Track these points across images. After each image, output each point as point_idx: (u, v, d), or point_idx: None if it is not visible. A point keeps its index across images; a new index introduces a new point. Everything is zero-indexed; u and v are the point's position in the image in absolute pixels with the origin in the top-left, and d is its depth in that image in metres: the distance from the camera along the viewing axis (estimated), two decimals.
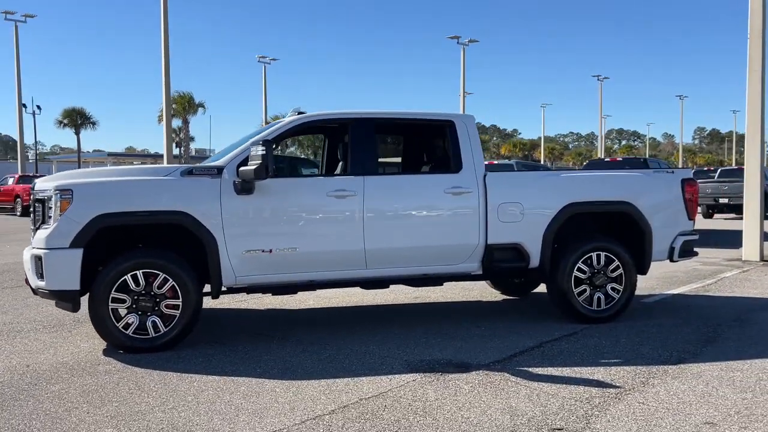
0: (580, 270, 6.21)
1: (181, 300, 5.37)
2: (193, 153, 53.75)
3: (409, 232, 5.88)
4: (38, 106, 53.80)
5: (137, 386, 4.49)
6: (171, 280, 5.34)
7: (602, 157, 54.22)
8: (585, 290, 6.26)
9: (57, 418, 3.91)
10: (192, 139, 54.16)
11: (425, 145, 6.91)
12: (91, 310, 5.25)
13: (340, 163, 6.32)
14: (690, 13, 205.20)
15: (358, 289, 7.44)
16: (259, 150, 5.29)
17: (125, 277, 5.25)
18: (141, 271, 5.28)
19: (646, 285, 8.56)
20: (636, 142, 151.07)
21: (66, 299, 5.26)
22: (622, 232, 6.53)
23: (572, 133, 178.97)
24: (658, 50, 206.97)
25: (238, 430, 3.70)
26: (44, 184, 5.41)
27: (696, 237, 6.74)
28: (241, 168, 5.40)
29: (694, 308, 7.13)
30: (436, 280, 6.18)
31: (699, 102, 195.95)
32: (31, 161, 57.44)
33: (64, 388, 4.47)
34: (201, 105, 45.21)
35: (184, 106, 43.78)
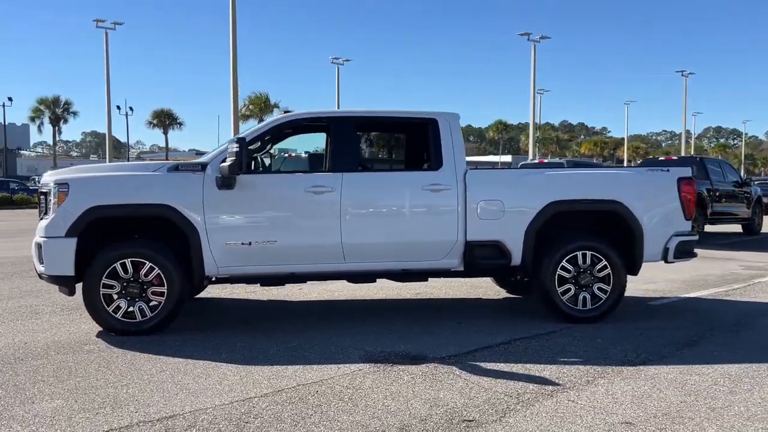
0: (564, 269, 6.14)
1: (166, 288, 5.74)
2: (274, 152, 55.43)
3: (387, 228, 6.01)
4: (131, 108, 57.24)
5: (107, 365, 4.87)
6: (157, 268, 5.71)
7: (688, 154, 51.75)
8: (569, 289, 6.18)
9: (21, 388, 4.32)
10: None
11: (408, 143, 7.01)
12: (85, 295, 5.70)
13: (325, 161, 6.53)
14: None
15: (357, 285, 7.66)
16: (234, 147, 5.58)
17: (115, 265, 5.66)
18: (129, 259, 5.68)
19: (665, 287, 8.30)
20: (736, 141, 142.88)
21: (62, 284, 5.74)
22: (613, 231, 6.40)
23: (665, 131, 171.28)
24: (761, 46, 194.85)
25: (170, 406, 3.98)
26: (47, 178, 5.92)
27: (695, 237, 6.50)
28: (220, 164, 5.71)
29: (699, 312, 6.88)
30: (418, 275, 6.28)
31: None
32: (131, 159, 61.15)
33: (44, 363, 4.91)
34: (276, 105, 46.64)
35: (260, 107, 45.33)
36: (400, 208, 6.04)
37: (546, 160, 17.86)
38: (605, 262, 6.17)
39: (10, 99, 55.75)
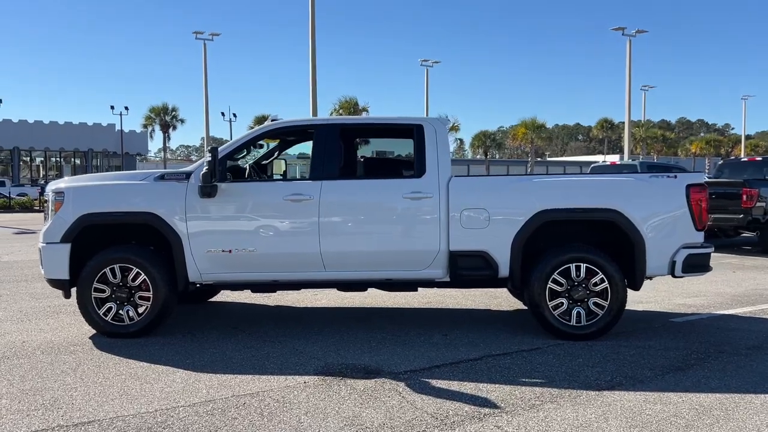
0: (555, 282, 5.77)
1: (151, 293, 5.93)
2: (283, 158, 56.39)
3: (366, 237, 5.89)
4: (234, 114, 59.98)
5: (75, 367, 5.08)
6: (143, 274, 5.92)
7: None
8: (562, 304, 5.79)
9: None
10: (367, 142, 56.81)
11: (396, 147, 6.82)
12: (78, 298, 5.99)
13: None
14: None
15: (371, 292, 7.58)
16: (207, 157, 5.69)
17: (105, 270, 5.92)
18: (118, 265, 5.92)
19: (705, 302, 7.64)
20: None
21: (59, 287, 6.06)
22: (612, 243, 5.94)
23: None
24: None
25: (97, 411, 4.09)
26: (48, 187, 6.27)
27: (709, 250, 5.90)
28: (199, 173, 5.83)
29: (719, 331, 6.25)
30: (403, 285, 6.12)
31: None
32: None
33: (22, 363, 5.20)
34: (365, 109, 47.14)
35: (349, 111, 45.99)
36: (379, 216, 5.91)
37: (618, 162, 16.83)
38: (602, 275, 5.73)
39: (126, 108, 59.93)
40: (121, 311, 5.94)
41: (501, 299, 7.80)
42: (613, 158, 75.18)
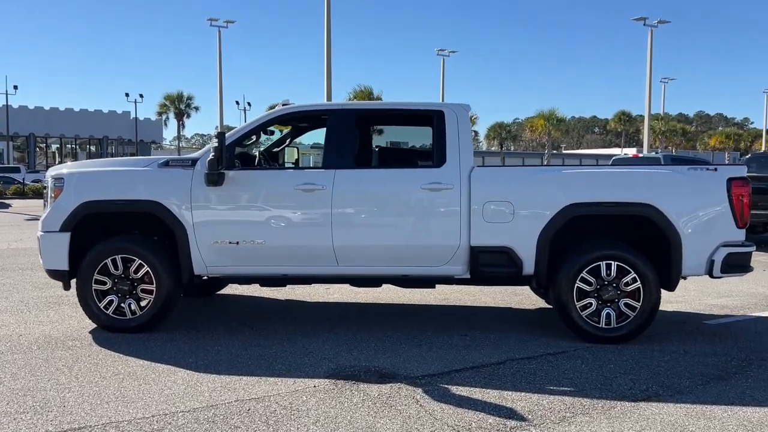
0: (584, 281, 5.38)
1: (155, 285, 5.62)
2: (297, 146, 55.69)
3: (382, 230, 5.54)
4: (249, 103, 59.75)
5: (71, 365, 4.78)
6: (146, 266, 5.60)
7: None
8: (590, 304, 5.41)
9: None
10: (380, 132, 56.28)
11: (411, 138, 6.44)
12: (78, 290, 5.69)
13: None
14: None
15: (385, 287, 7.22)
16: (214, 143, 5.35)
17: (106, 261, 5.61)
18: (120, 256, 5.61)
19: (739, 303, 7.22)
20: None
21: (58, 278, 5.76)
22: (645, 239, 5.55)
23: None
24: None
25: (89, 416, 3.78)
26: (48, 173, 5.96)
27: (751, 249, 5.48)
28: (205, 160, 5.49)
29: (758, 336, 5.84)
30: (420, 281, 5.76)
31: None
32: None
33: (16, 359, 4.90)
34: (379, 98, 46.66)
35: (364, 100, 45.61)
36: (396, 208, 5.54)
37: (641, 155, 16.32)
38: (634, 275, 5.34)
39: (141, 96, 59.91)
40: (122, 304, 5.65)
41: (522, 296, 7.42)
42: (632, 151, 74.19)
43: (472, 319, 6.34)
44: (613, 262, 5.35)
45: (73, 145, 64.12)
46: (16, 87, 51.76)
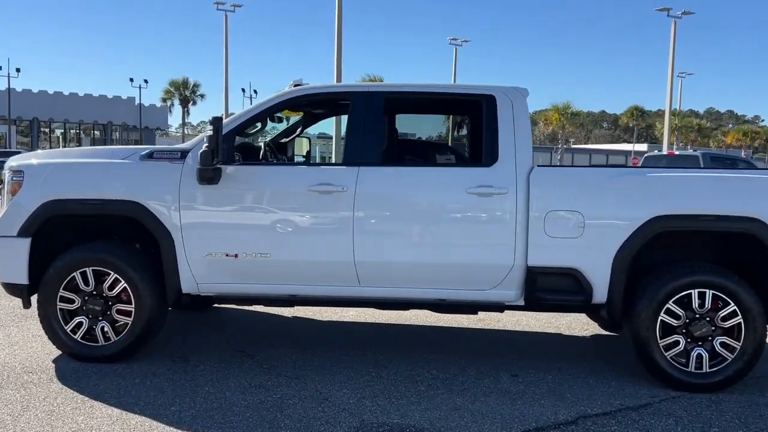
0: (670, 313, 4.28)
1: (134, 305, 4.55)
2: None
3: (415, 243, 4.44)
4: (255, 91, 58.60)
5: (17, 413, 3.72)
6: (123, 281, 4.53)
7: None
8: (677, 342, 4.31)
9: None
10: None
11: (453, 129, 5.33)
12: (39, 309, 4.63)
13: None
14: None
15: None
16: (208, 131, 4.26)
17: (74, 274, 4.55)
18: (91, 268, 4.54)
19: None
20: None
21: (15, 293, 4.70)
22: (746, 262, 4.44)
23: None
24: None
25: None
26: (7, 163, 4.88)
27: None
28: (197, 152, 4.39)
29: None
30: (461, 307, 4.67)
31: None
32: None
33: None
34: None
35: None
36: (434, 216, 4.44)
37: (677, 152, 15.17)
38: (734, 307, 4.23)
39: (146, 81, 58.83)
40: (94, 328, 4.59)
41: (570, 316, 6.32)
42: (642, 147, 72.67)
43: (518, 349, 5.24)
44: (707, 291, 4.24)
45: (78, 131, 63.14)
46: (18, 70, 50.65)
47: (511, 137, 4.45)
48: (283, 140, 5.98)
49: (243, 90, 57.30)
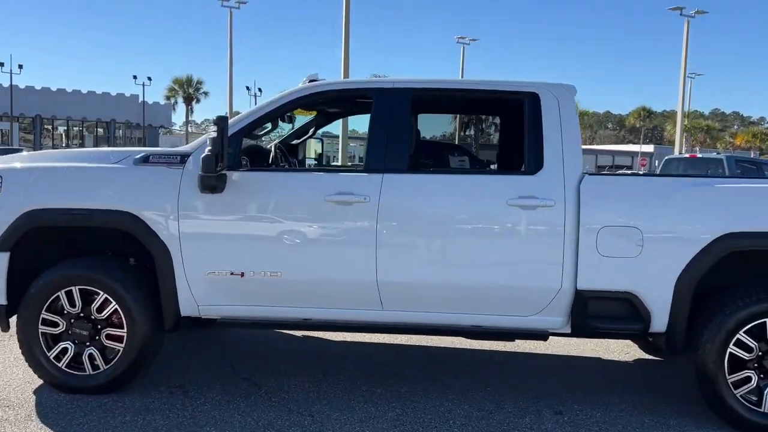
0: (741, 345, 3.72)
1: (126, 330, 4.00)
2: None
3: (448, 262, 3.89)
4: (259, 89, 58.13)
5: None
6: (114, 302, 3.99)
7: None
8: (749, 379, 3.74)
9: None
10: None
11: (490, 131, 4.76)
12: (19, 333, 4.08)
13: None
14: None
15: None
16: (212, 132, 3.70)
17: (58, 293, 4.00)
18: (78, 287, 4.00)
19: None
20: None
21: None
22: None
23: None
24: None
25: None
26: None
27: None
28: (199, 156, 3.84)
29: None
30: (497, 335, 4.11)
31: None
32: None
33: None
34: None
35: None
36: (469, 231, 3.89)
37: (699, 155, 14.57)
38: None
39: (149, 78, 58.39)
40: (80, 355, 4.04)
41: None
42: (648, 149, 71.89)
43: (557, 377, 4.67)
44: None
45: (81, 128, 62.76)
46: (21, 66, 50.32)
47: (557, 141, 3.89)
48: (294, 142, 5.43)
49: (248, 88, 57.16)
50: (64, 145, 58.69)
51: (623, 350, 5.46)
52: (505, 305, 3.89)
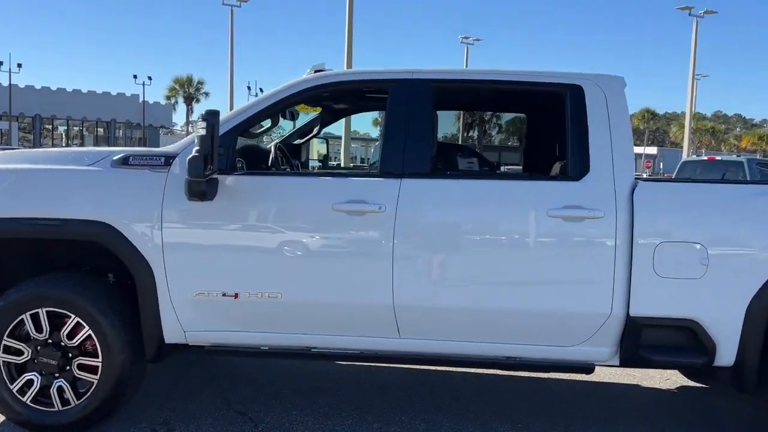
0: None
1: (101, 359, 3.44)
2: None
3: (477, 283, 3.32)
4: (260, 89, 57.56)
5: None
6: (87, 327, 3.42)
7: None
8: None
9: None
10: None
11: (525, 129, 4.20)
12: None
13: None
14: None
15: None
16: (200, 129, 3.14)
17: (23, 316, 3.44)
18: (45, 309, 3.43)
19: None
20: None
21: None
22: None
23: None
24: None
25: None
26: None
27: None
28: (186, 158, 3.27)
29: None
30: (534, 367, 3.54)
31: None
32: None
33: None
34: None
35: None
36: (503, 247, 3.32)
37: (719, 158, 13.99)
38: None
39: (150, 78, 57.89)
40: (48, 388, 3.47)
41: None
42: (652, 150, 71.35)
43: (594, 412, 4.10)
44: None
45: (81, 128, 62.33)
46: (20, 65, 49.81)
47: (606, 142, 3.32)
48: (296, 142, 4.87)
49: (248, 88, 56.46)
50: (64, 144, 58.27)
51: (663, 375, 4.88)
52: (544, 333, 3.32)
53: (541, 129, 4.41)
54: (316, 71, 3.69)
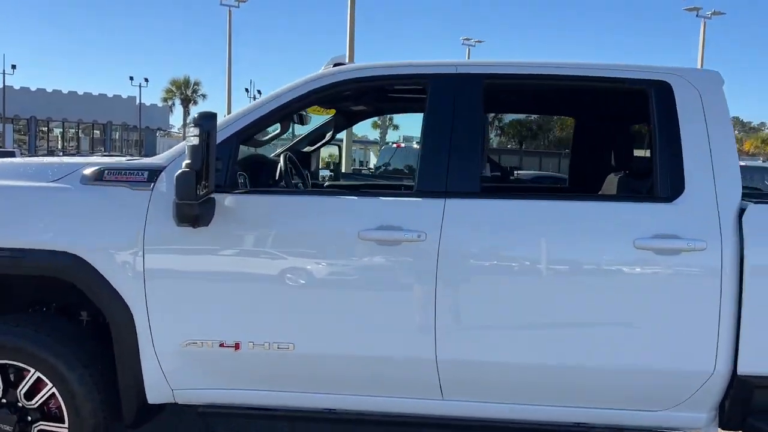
0: None
1: (67, 423, 2.74)
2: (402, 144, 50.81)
3: (542, 334, 2.62)
4: (259, 91, 56.89)
5: None
6: (50, 383, 2.73)
7: None
8: None
9: None
10: (396, 127, 52.50)
11: (600, 136, 3.50)
12: None
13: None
14: None
15: None
16: (192, 138, 2.44)
17: None
18: None
19: None
20: None
21: None
22: None
23: None
24: None
25: None
26: None
27: None
28: (173, 172, 2.57)
29: None
30: None
31: None
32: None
33: None
34: None
35: None
36: (577, 288, 2.62)
37: (741, 163, 13.38)
38: None
39: (146, 80, 57.25)
40: None
41: None
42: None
43: None
44: None
45: (77, 130, 61.74)
46: (14, 66, 49.25)
47: (705, 153, 2.63)
48: (306, 149, 4.18)
49: (246, 90, 55.63)
50: (59, 147, 57.68)
51: None
52: (625, 395, 2.64)
53: (596, 133, 3.73)
54: (335, 65, 2.99)
